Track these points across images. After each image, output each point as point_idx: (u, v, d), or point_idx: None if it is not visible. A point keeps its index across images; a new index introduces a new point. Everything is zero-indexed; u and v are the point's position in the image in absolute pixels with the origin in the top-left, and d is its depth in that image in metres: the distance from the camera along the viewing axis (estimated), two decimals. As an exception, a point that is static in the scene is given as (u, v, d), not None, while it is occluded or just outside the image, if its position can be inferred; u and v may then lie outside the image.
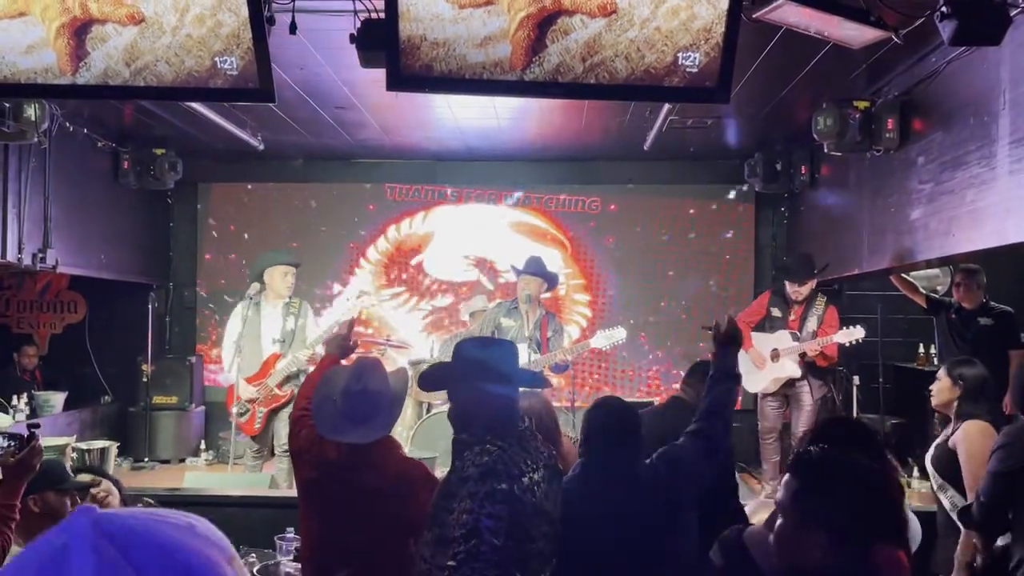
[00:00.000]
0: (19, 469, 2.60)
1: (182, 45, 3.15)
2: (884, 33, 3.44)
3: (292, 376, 5.77)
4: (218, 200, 8.25)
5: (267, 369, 5.72)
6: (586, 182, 8.06)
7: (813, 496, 1.69)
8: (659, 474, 2.61)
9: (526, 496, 2.07)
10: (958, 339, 5.85)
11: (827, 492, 1.68)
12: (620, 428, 2.62)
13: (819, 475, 1.72)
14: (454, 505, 2.09)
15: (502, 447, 2.14)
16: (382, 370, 2.79)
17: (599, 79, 3.09)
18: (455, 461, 2.23)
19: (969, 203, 4.54)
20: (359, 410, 2.64)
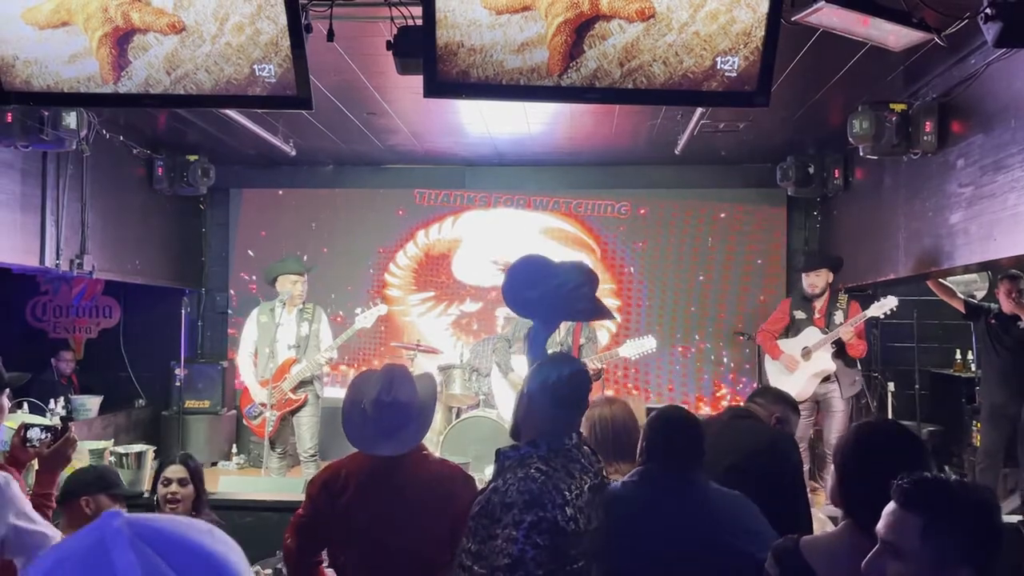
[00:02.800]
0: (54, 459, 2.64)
1: (221, 53, 3.17)
2: (926, 35, 3.39)
3: (307, 381, 5.81)
4: (250, 205, 8.32)
5: (282, 373, 5.77)
6: (616, 186, 8.03)
7: (945, 531, 1.48)
8: (720, 500, 2.55)
9: (570, 526, 2.07)
10: (997, 345, 5.76)
11: (960, 523, 1.49)
12: (685, 439, 2.55)
13: (942, 506, 1.51)
14: (497, 530, 2.06)
15: (547, 472, 2.12)
16: (411, 378, 2.74)
17: (637, 84, 3.07)
18: (498, 477, 2.20)
19: (1011, 207, 4.46)
20: (391, 421, 2.59)
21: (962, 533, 1.48)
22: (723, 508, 2.51)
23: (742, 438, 3.13)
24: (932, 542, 1.47)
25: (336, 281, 8.08)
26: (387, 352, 8.03)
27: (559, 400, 2.26)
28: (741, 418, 3.31)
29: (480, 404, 6.58)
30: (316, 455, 5.82)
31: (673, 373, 7.97)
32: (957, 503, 1.51)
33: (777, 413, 3.32)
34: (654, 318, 7.90)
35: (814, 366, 6.06)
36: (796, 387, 6.13)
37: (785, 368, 6.18)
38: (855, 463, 1.92)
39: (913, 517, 1.50)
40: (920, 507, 1.50)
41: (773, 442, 3.18)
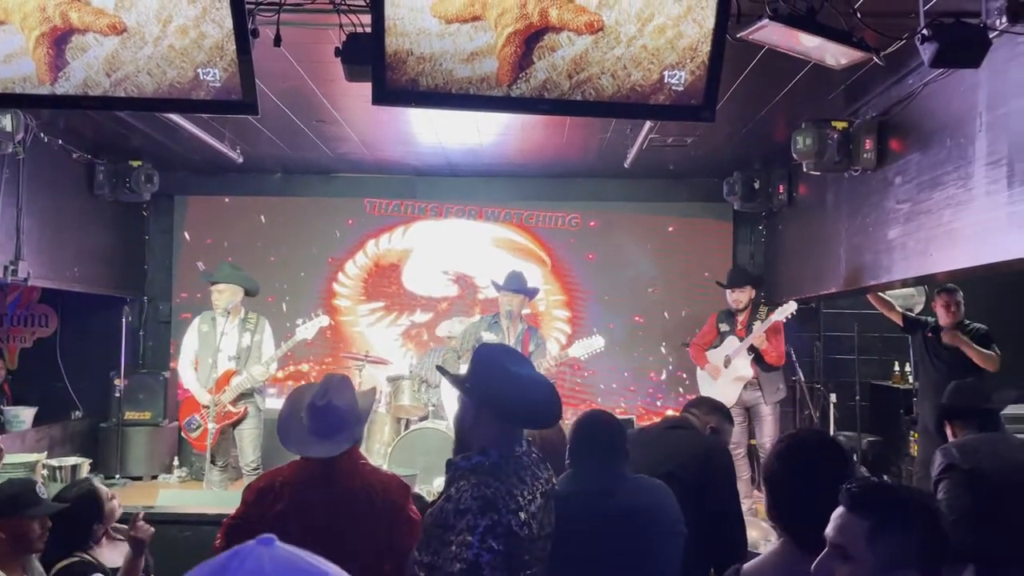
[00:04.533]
0: None
1: (164, 56, 3.11)
2: (865, 54, 3.48)
3: (247, 393, 5.69)
4: (195, 213, 8.16)
5: (222, 385, 5.64)
6: (567, 198, 8.08)
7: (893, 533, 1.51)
8: (643, 494, 2.64)
9: (523, 531, 2.08)
10: (934, 357, 5.91)
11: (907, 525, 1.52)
12: (607, 437, 2.68)
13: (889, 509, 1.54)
14: (451, 537, 2.05)
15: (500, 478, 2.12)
16: (349, 387, 2.78)
17: (585, 96, 3.09)
18: (450, 487, 2.19)
19: (946, 223, 4.59)
20: (324, 425, 2.64)
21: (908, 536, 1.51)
22: (647, 498, 2.63)
23: (677, 446, 3.20)
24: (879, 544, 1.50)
25: (284, 291, 7.96)
26: (336, 363, 7.93)
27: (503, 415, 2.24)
28: (677, 427, 3.37)
29: (429, 415, 6.54)
30: (259, 468, 5.70)
31: (621, 383, 8.02)
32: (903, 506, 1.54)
33: (712, 423, 3.41)
34: (603, 329, 7.93)
35: (733, 372, 6.36)
36: (721, 394, 6.28)
37: (710, 376, 6.50)
38: (783, 478, 1.94)
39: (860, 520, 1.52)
40: (867, 510, 1.53)
41: (707, 451, 3.25)
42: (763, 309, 6.49)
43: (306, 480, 2.65)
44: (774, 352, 6.31)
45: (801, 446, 2.07)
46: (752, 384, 6.34)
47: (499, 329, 5.68)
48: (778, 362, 6.39)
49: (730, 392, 6.31)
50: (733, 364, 6.36)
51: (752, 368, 6.31)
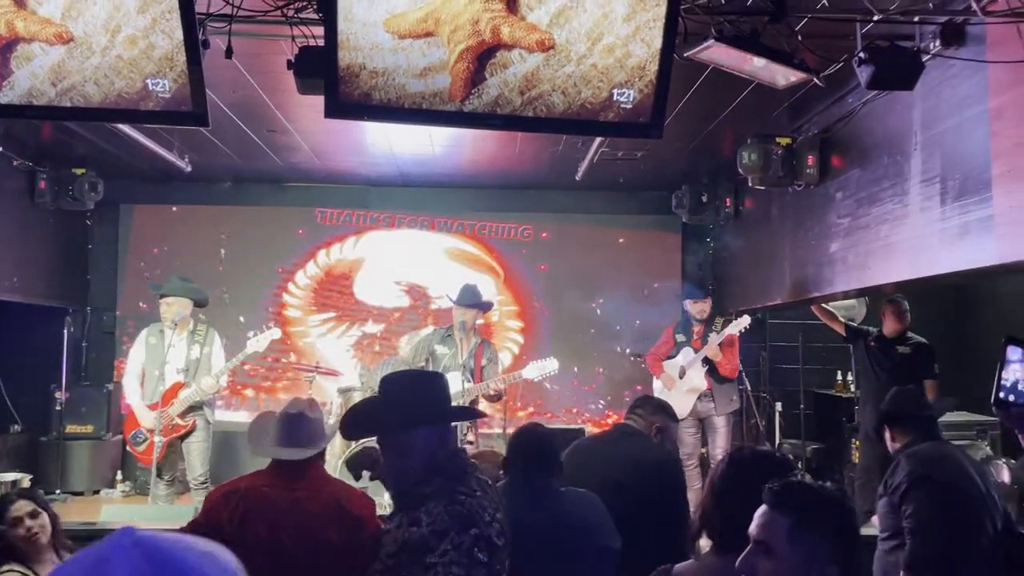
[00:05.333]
0: None
1: (112, 66, 3.07)
2: (806, 75, 3.60)
3: (196, 406, 5.61)
4: (141, 222, 8.01)
5: (170, 398, 5.55)
6: (519, 210, 8.14)
7: (812, 530, 1.57)
8: (575, 504, 2.74)
9: (500, 540, 2.10)
10: (876, 367, 6.08)
11: (827, 523, 1.58)
12: (539, 452, 2.79)
13: (808, 507, 1.60)
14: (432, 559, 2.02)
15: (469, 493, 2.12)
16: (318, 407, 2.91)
17: (537, 112, 3.14)
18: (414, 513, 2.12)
19: (883, 237, 4.76)
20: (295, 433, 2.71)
21: (827, 533, 1.58)
22: (577, 508, 2.71)
23: (625, 456, 3.25)
24: (799, 541, 1.57)
25: (233, 302, 7.86)
26: (286, 374, 7.85)
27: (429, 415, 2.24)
28: (624, 435, 3.41)
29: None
30: (207, 482, 5.61)
31: (572, 394, 8.09)
32: (822, 505, 1.61)
33: (657, 423, 3.45)
34: (555, 340, 8.01)
35: (687, 383, 6.45)
36: (675, 404, 6.36)
37: (664, 386, 6.56)
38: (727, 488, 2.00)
39: (781, 518, 1.58)
40: (788, 508, 1.59)
41: (655, 460, 3.31)
42: (718, 321, 6.59)
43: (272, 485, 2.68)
44: (728, 364, 6.40)
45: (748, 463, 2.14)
46: (706, 395, 6.42)
47: (452, 342, 5.68)
48: (732, 374, 6.49)
49: (684, 403, 6.39)
50: (688, 375, 6.44)
51: (706, 380, 6.39)
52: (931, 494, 2.91)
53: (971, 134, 3.91)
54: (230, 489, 2.72)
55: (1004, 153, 3.70)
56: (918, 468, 3.00)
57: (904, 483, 2.97)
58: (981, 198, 3.84)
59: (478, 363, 5.64)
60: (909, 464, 3.03)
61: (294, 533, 2.58)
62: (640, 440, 3.40)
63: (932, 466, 3.01)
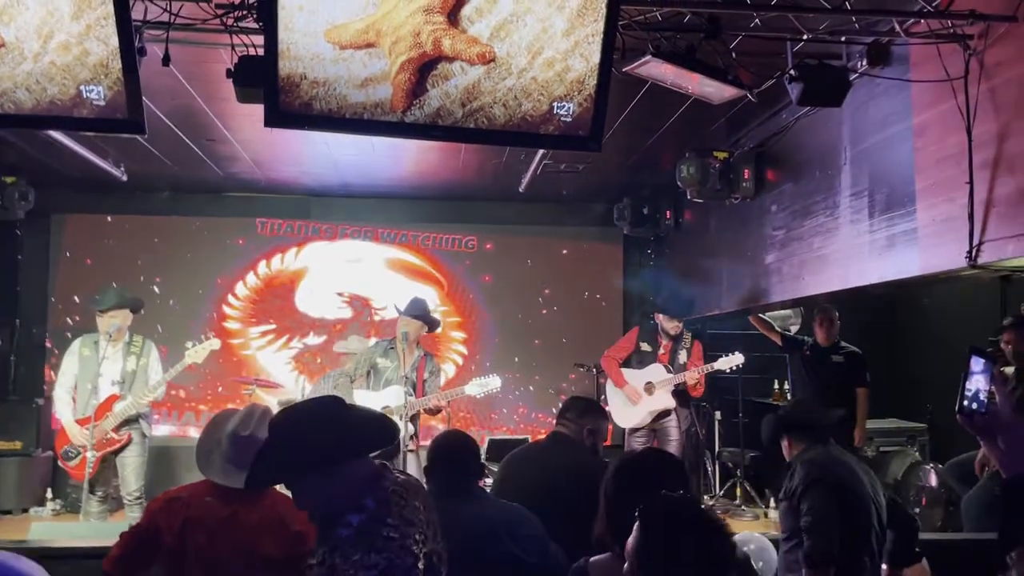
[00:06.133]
0: None
1: (44, 72, 3.01)
2: (740, 91, 3.71)
3: (132, 419, 5.48)
4: (74, 232, 7.80)
5: (104, 411, 5.40)
6: (463, 221, 8.16)
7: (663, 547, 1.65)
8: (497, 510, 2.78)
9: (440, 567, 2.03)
10: (812, 375, 6.25)
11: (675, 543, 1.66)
12: (458, 456, 2.85)
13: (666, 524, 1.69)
14: None
15: (389, 536, 1.94)
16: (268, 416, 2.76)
17: (478, 124, 3.18)
18: (333, 556, 1.95)
19: (816, 249, 4.92)
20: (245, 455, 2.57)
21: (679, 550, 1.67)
22: (497, 517, 2.74)
23: (557, 466, 3.28)
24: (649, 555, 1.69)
25: (170, 313, 7.69)
26: (226, 387, 7.71)
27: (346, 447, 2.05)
28: (558, 443, 3.45)
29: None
30: (142, 497, 5.47)
31: (516, 405, 8.12)
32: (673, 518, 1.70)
33: (588, 426, 3.46)
34: (499, 350, 8.03)
35: (655, 402, 6.31)
36: (636, 418, 6.39)
37: (628, 399, 6.40)
38: (617, 494, 2.07)
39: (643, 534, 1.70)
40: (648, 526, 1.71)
41: (588, 468, 3.33)
42: (687, 336, 6.50)
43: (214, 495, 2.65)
44: (701, 387, 6.40)
45: (637, 463, 2.24)
46: (667, 413, 6.35)
47: (394, 355, 5.65)
48: (700, 395, 6.51)
49: (646, 418, 6.32)
50: (657, 394, 6.31)
51: (673, 399, 6.32)
52: (826, 494, 3.10)
53: (896, 150, 4.08)
54: (173, 496, 2.71)
55: (926, 168, 3.87)
56: (813, 471, 3.19)
57: (800, 486, 3.15)
58: (906, 211, 4.01)
59: (420, 376, 5.62)
60: (804, 468, 3.22)
61: (232, 546, 2.56)
62: (571, 448, 3.42)
63: (825, 469, 3.19)
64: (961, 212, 3.55)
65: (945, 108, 3.67)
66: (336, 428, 2.04)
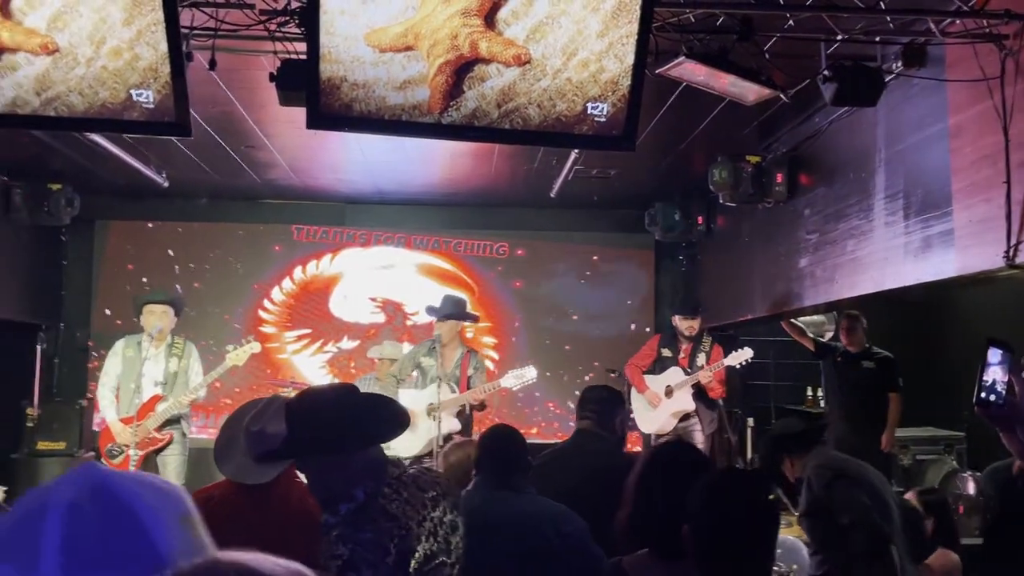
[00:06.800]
0: None
1: (96, 77, 3.12)
2: (773, 92, 3.73)
3: (173, 419, 5.60)
4: (116, 238, 8.00)
5: (146, 411, 5.53)
6: (495, 227, 8.22)
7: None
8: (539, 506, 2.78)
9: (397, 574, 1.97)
10: (844, 382, 6.20)
11: None
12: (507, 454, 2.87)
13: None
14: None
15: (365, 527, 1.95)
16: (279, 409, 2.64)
17: (513, 125, 3.24)
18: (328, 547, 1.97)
19: (850, 252, 4.90)
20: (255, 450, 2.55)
21: None
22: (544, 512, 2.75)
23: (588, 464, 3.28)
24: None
25: (208, 317, 7.84)
26: (261, 390, 7.82)
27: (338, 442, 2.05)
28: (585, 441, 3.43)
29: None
30: (182, 496, 5.58)
31: (547, 409, 8.14)
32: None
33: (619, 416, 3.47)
34: (529, 356, 8.06)
35: (675, 404, 6.34)
36: (657, 422, 6.40)
37: (649, 404, 6.44)
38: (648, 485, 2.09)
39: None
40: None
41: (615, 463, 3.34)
42: (706, 340, 6.52)
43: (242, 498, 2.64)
44: (719, 388, 6.36)
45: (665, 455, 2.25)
46: (690, 415, 6.35)
47: (436, 354, 5.73)
48: (720, 396, 6.48)
49: (668, 422, 6.33)
50: (676, 396, 6.32)
51: (693, 401, 6.31)
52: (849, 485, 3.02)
53: (932, 151, 4.07)
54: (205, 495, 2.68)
55: (963, 169, 3.86)
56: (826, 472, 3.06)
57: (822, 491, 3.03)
58: (942, 212, 3.99)
59: (464, 373, 5.70)
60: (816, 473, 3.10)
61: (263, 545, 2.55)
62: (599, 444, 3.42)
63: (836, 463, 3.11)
64: (998, 212, 3.54)
65: (981, 108, 3.65)
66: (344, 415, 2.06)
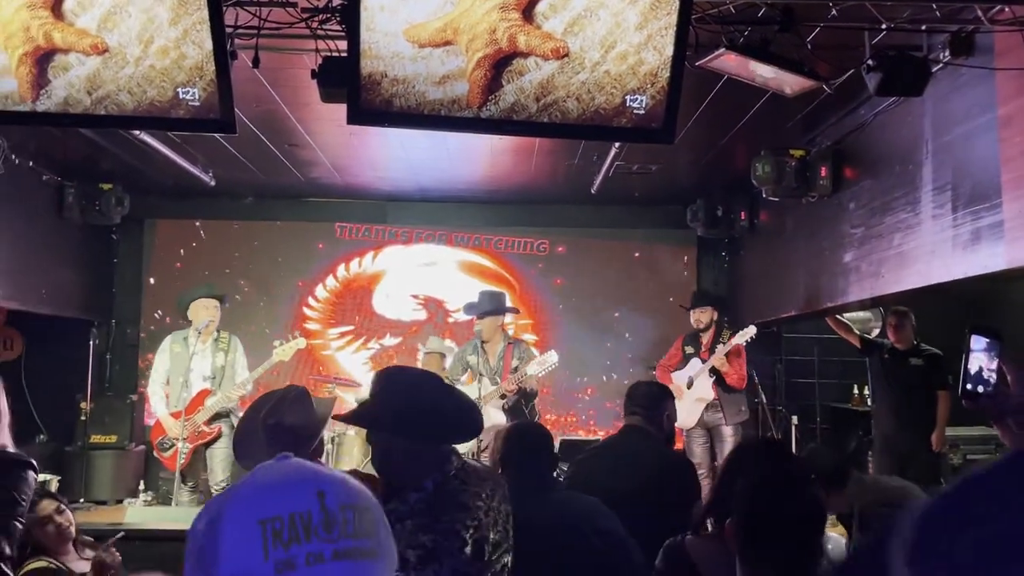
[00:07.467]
0: None
1: (145, 76, 3.20)
2: (816, 83, 3.68)
3: (222, 413, 5.71)
4: (164, 236, 8.18)
5: (196, 405, 5.65)
6: (535, 224, 8.23)
7: None
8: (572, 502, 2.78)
9: (473, 565, 2.01)
10: (892, 379, 6.09)
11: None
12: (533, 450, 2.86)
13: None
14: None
15: (441, 516, 2.01)
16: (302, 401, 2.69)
17: (552, 118, 3.24)
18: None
19: (896, 246, 4.81)
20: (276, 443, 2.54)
21: None
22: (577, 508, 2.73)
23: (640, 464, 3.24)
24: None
25: (254, 314, 7.98)
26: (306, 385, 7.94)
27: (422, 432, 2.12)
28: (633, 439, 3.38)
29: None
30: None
31: (590, 406, 8.13)
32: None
33: (667, 411, 3.43)
34: (569, 353, 8.05)
35: (695, 393, 6.47)
36: (682, 414, 6.40)
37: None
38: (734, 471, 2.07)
39: None
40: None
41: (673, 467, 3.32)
42: (726, 332, 6.62)
43: None
44: (735, 374, 6.43)
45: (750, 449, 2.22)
46: (714, 405, 6.45)
47: (480, 351, 5.79)
48: (739, 384, 6.50)
49: (692, 413, 6.42)
50: (695, 385, 6.47)
51: (713, 390, 6.42)
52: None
53: (980, 142, 3.97)
54: None
55: (1013, 159, 3.76)
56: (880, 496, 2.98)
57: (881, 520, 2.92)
58: (991, 204, 3.89)
59: (507, 364, 5.74)
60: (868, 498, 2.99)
61: None
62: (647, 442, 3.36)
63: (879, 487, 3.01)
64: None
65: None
66: (440, 409, 2.13)
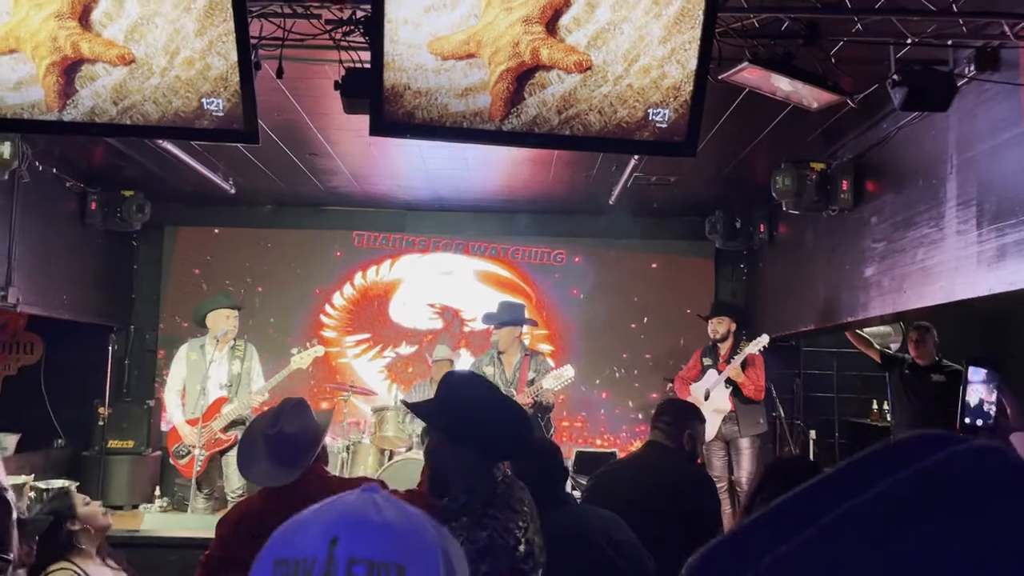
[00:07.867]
0: None
1: (170, 86, 3.23)
2: (840, 97, 3.66)
3: (238, 421, 5.72)
4: (184, 243, 8.23)
5: (213, 413, 5.67)
6: (553, 234, 8.22)
7: None
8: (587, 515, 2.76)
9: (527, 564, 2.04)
10: (912, 395, 6.02)
11: None
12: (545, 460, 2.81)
13: None
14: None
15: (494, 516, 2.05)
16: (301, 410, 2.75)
17: (574, 131, 3.24)
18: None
19: (919, 261, 4.76)
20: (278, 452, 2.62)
21: None
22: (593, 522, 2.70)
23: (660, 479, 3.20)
24: None
25: (271, 321, 8.01)
26: (320, 393, 7.96)
27: (489, 443, 2.17)
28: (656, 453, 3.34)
29: (413, 446, 6.57)
30: (244, 495, 5.71)
31: (605, 417, 8.09)
32: None
33: (688, 430, 3.36)
34: (586, 364, 8.03)
35: (712, 404, 6.43)
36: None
37: None
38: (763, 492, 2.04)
39: None
40: None
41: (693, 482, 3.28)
42: (744, 343, 6.60)
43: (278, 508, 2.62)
44: (752, 386, 6.39)
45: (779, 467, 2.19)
46: (731, 417, 6.41)
47: (498, 363, 5.78)
48: (756, 396, 6.46)
49: (710, 425, 6.35)
50: (712, 396, 6.44)
51: (730, 401, 6.39)
52: None
53: (1006, 157, 3.93)
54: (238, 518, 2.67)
55: (1040, 175, 3.72)
56: None
57: None
58: (1018, 220, 3.85)
59: (523, 377, 5.71)
60: None
61: None
62: (670, 458, 3.32)
63: None
64: (1078, 220, 3.40)
65: (1060, 112, 3.52)
66: (506, 430, 2.18)
